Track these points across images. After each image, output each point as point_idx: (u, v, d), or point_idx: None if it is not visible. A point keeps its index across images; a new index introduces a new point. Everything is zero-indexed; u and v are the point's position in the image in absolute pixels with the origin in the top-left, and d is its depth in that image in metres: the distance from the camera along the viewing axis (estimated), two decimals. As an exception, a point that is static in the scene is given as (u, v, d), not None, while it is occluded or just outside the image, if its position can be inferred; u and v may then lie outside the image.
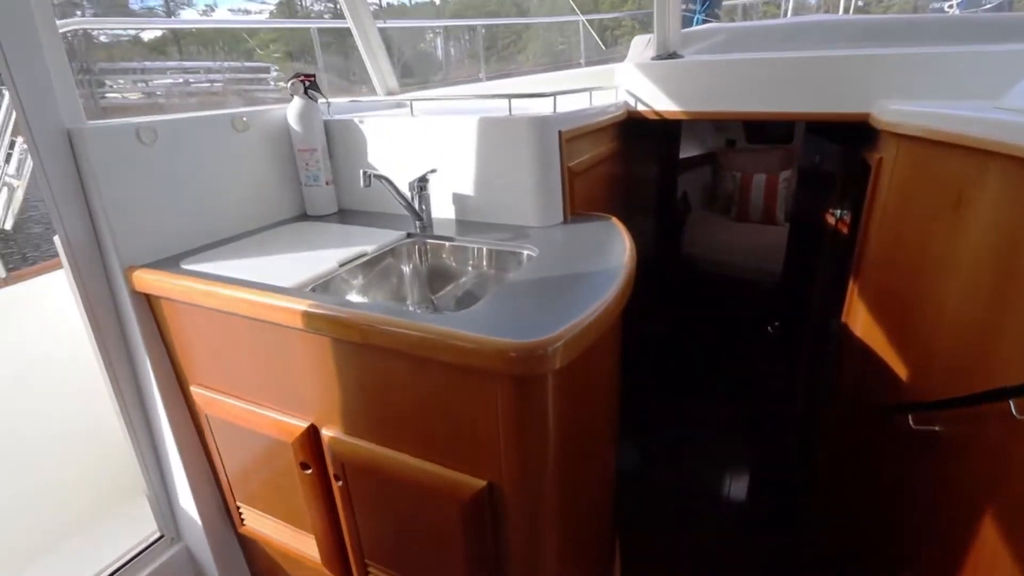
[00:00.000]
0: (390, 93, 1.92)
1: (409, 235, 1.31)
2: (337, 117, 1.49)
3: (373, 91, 2.02)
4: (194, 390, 1.23)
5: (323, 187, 1.47)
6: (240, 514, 1.36)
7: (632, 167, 1.98)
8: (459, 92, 2.39)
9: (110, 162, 1.10)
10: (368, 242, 1.25)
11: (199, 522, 1.39)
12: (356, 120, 1.45)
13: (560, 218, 1.33)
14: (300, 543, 1.25)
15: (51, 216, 1.09)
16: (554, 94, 1.32)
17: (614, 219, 1.31)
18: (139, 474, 1.36)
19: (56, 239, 1.11)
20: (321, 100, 1.47)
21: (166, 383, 1.25)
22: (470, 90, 2.45)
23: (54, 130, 1.05)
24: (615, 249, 1.13)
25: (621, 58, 1.88)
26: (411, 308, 1.32)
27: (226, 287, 1.02)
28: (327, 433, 1.05)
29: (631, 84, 1.73)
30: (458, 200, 1.38)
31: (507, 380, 0.81)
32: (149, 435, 1.34)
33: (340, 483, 1.08)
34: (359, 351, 0.93)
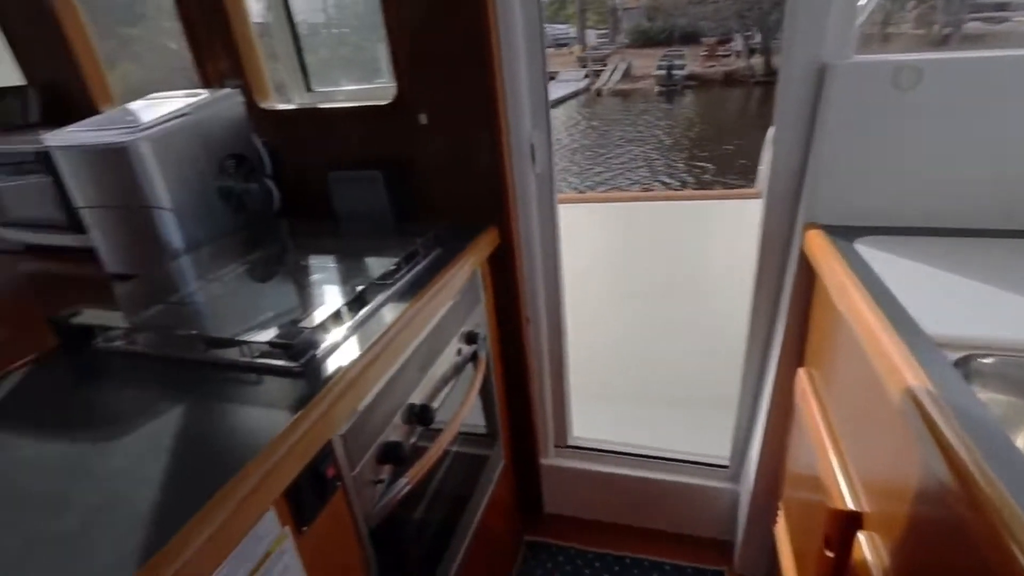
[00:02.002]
0: None
1: None
2: None
3: None
4: (800, 372, 1.09)
5: None
6: (777, 512, 1.22)
7: None
8: None
9: (848, 103, 0.95)
10: None
11: (750, 485, 1.35)
12: None
13: None
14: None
15: (770, 146, 1.08)
16: None
17: None
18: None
19: (760, 170, 1.11)
20: None
21: (789, 348, 1.16)
22: None
23: (809, 62, 0.98)
24: None
25: None
26: None
27: (859, 292, 0.78)
28: (863, 542, 0.74)
29: None
30: None
31: None
32: (757, 383, 1.33)
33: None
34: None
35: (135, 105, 1.21)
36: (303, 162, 1.33)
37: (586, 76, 23.58)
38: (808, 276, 1.07)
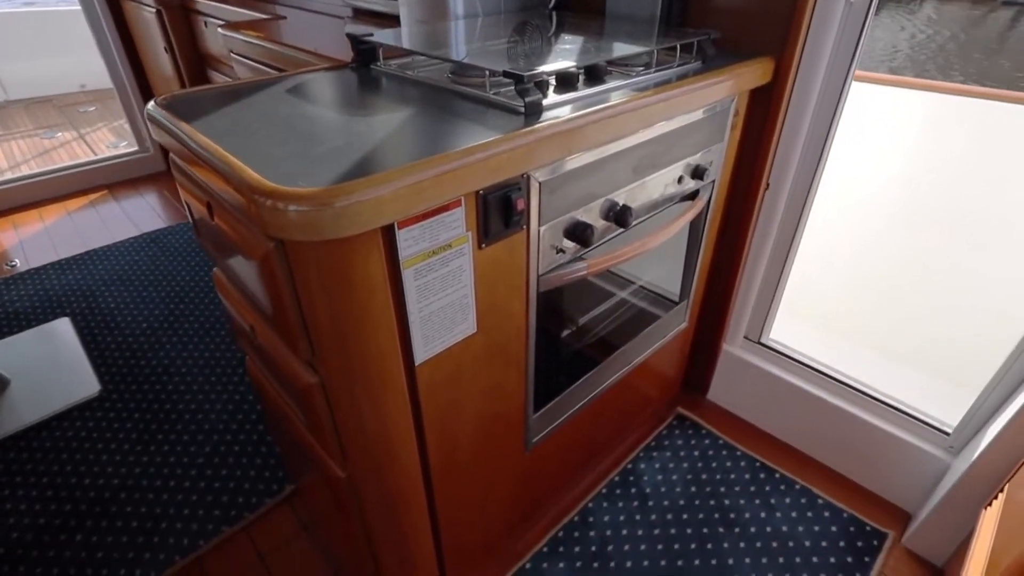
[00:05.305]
0: None
1: None
2: None
3: None
4: None
5: None
6: (994, 496, 0.98)
7: None
8: None
9: None
10: None
11: (968, 462, 1.09)
12: None
13: None
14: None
15: None
16: None
17: None
18: None
19: None
20: None
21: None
22: None
23: None
24: None
25: None
26: None
27: None
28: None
29: None
30: None
31: None
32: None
33: None
34: None
35: None
36: (591, -46, 1.27)
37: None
38: None
